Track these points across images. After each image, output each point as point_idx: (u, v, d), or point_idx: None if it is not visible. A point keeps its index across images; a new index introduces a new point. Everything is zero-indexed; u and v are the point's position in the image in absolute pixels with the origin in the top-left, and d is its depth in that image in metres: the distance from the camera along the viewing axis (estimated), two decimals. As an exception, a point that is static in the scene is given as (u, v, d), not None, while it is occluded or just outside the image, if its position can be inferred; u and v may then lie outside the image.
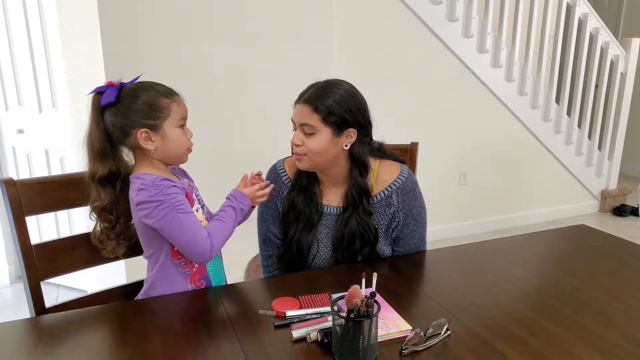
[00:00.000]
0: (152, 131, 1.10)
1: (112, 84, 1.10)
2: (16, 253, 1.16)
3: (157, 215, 1.07)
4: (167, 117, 1.11)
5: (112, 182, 1.14)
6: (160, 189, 1.07)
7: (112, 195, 1.14)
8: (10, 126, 2.50)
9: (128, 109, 1.09)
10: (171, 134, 1.12)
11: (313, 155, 1.23)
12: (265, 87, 2.48)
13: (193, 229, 1.09)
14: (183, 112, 1.14)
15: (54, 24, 2.22)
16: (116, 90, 1.09)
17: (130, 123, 1.09)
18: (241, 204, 1.19)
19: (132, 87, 1.11)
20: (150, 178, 1.09)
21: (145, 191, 1.07)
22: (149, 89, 1.11)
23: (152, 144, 1.11)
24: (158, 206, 1.07)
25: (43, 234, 2.56)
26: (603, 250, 1.43)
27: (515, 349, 0.92)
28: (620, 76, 3.77)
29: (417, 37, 2.99)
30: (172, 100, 1.12)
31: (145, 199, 1.07)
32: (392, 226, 1.33)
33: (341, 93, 1.22)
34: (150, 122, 1.09)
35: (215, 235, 1.12)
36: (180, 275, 1.17)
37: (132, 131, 1.09)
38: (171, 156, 1.15)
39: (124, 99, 1.09)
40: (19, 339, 1.00)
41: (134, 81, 1.14)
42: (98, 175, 1.12)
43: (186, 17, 2.25)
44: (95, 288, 1.34)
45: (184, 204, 1.09)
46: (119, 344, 0.96)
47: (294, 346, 0.93)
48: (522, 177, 3.61)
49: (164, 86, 1.14)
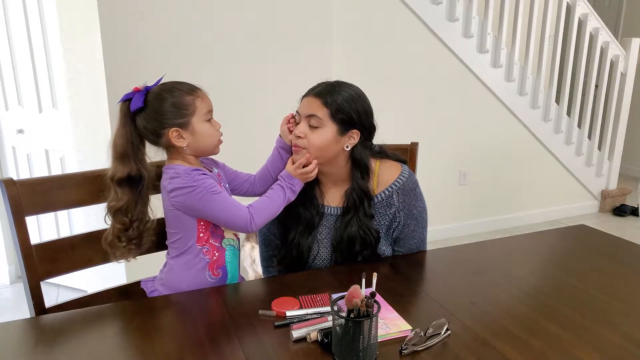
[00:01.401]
0: (182, 129, 1.15)
1: (137, 89, 1.15)
2: (16, 253, 1.16)
3: (192, 199, 1.14)
4: (193, 113, 1.16)
5: (129, 185, 1.17)
6: (192, 176, 1.14)
7: (129, 197, 1.17)
8: (10, 126, 2.51)
9: (156, 112, 1.14)
10: (200, 128, 1.17)
11: (313, 149, 1.22)
12: (265, 87, 2.48)
13: (228, 205, 1.17)
14: (208, 106, 1.19)
15: (54, 24, 2.22)
16: (143, 95, 1.14)
17: (161, 124, 1.14)
18: (289, 184, 1.23)
19: (156, 91, 1.15)
20: (182, 168, 1.16)
21: (178, 179, 1.14)
22: (173, 90, 1.16)
23: (184, 140, 1.16)
24: (192, 191, 1.13)
25: (43, 234, 2.56)
26: (603, 250, 1.43)
27: (515, 349, 0.92)
28: (620, 76, 3.77)
29: (417, 37, 2.99)
30: (196, 96, 1.17)
31: (178, 186, 1.14)
32: (393, 226, 1.33)
33: (351, 93, 1.23)
34: (179, 121, 1.15)
35: (257, 207, 1.19)
36: (200, 262, 1.21)
37: (164, 132, 1.15)
38: (203, 149, 1.21)
39: (151, 103, 1.14)
40: (19, 339, 1.00)
41: (157, 83, 1.18)
42: (117, 176, 1.15)
43: (186, 17, 2.25)
44: (95, 288, 1.34)
45: (215, 186, 1.16)
46: (119, 344, 0.96)
47: (294, 346, 0.93)
48: (522, 177, 3.61)
49: (186, 84, 1.18)
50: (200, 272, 1.21)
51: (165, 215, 1.22)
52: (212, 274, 1.22)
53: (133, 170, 1.16)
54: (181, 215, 1.17)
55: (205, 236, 1.20)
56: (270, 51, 2.47)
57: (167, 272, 1.24)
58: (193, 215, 1.17)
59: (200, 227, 1.19)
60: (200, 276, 1.21)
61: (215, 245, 1.22)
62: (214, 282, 1.22)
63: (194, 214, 1.17)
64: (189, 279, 1.20)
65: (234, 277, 1.27)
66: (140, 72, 2.17)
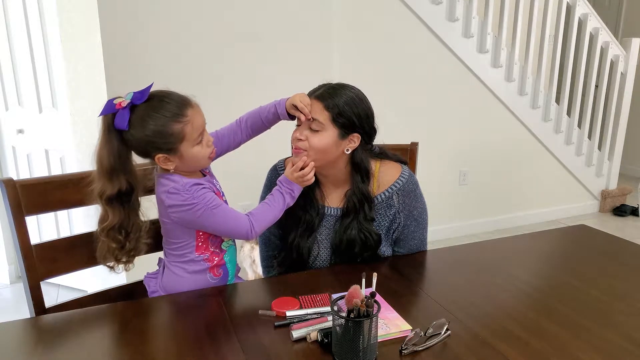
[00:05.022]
0: (169, 154, 1.09)
1: (120, 106, 1.04)
2: (16, 253, 1.16)
3: (192, 216, 1.11)
4: (182, 140, 1.08)
5: (120, 201, 1.11)
6: (191, 192, 1.10)
7: (121, 213, 1.11)
8: (10, 126, 2.50)
9: (141, 138, 1.06)
10: (188, 153, 1.10)
11: (314, 152, 1.22)
12: (265, 87, 2.48)
13: (228, 217, 1.15)
14: (199, 127, 1.10)
15: (54, 24, 2.22)
16: (127, 114, 1.04)
17: (146, 152, 1.10)
18: (288, 189, 1.22)
19: (141, 115, 1.05)
20: (180, 182, 1.11)
21: (177, 195, 1.10)
22: (158, 115, 1.05)
23: (171, 163, 1.11)
24: (191, 209, 1.10)
25: (43, 234, 2.56)
26: (603, 250, 1.43)
27: (515, 349, 0.92)
28: (620, 76, 3.77)
29: (417, 37, 2.99)
30: (184, 123, 1.07)
31: (178, 203, 1.11)
32: (393, 227, 1.33)
33: (352, 97, 1.23)
34: (165, 148, 1.08)
35: (257, 215, 1.17)
36: (201, 268, 1.20)
37: (151, 154, 1.10)
38: (192, 167, 1.16)
39: (135, 127, 1.05)
40: (19, 339, 1.00)
41: (144, 94, 1.06)
42: (106, 194, 1.08)
43: (186, 17, 2.25)
44: (95, 288, 1.34)
45: (215, 200, 1.13)
46: (119, 344, 0.96)
47: (294, 346, 0.93)
48: (522, 177, 3.61)
49: (174, 105, 1.07)
50: (201, 276, 1.21)
51: (161, 223, 1.20)
52: (213, 275, 1.22)
53: (123, 186, 1.09)
54: (180, 227, 1.16)
55: (205, 245, 1.20)
56: (270, 51, 2.46)
57: (167, 275, 1.23)
58: (193, 228, 1.16)
59: (199, 238, 1.18)
60: (202, 279, 1.21)
61: (214, 251, 1.21)
62: (216, 282, 1.23)
63: (194, 227, 1.16)
64: (191, 282, 1.20)
65: (234, 273, 1.28)
66: (140, 72, 2.17)
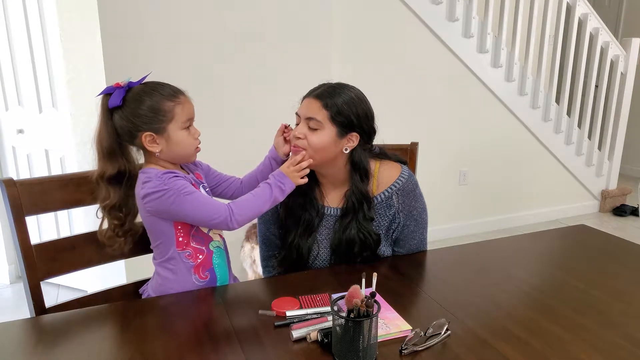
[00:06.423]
0: (156, 134, 1.11)
1: (119, 85, 1.11)
2: (16, 253, 1.16)
3: (164, 203, 1.10)
4: (171, 119, 1.11)
5: (120, 181, 1.16)
6: (162, 179, 1.10)
7: (121, 193, 1.16)
8: (10, 126, 2.51)
9: (133, 113, 1.10)
10: (176, 136, 1.13)
11: (312, 150, 1.22)
12: (266, 87, 2.48)
13: (203, 204, 1.12)
14: (189, 114, 1.15)
15: (54, 24, 2.22)
16: (123, 93, 1.10)
17: (135, 127, 1.10)
18: (279, 182, 1.18)
19: (137, 91, 1.11)
20: (154, 171, 1.12)
21: (149, 183, 1.11)
22: (154, 92, 1.11)
23: (157, 146, 1.12)
24: (162, 195, 1.10)
25: (43, 234, 2.56)
26: (603, 250, 1.43)
27: (515, 349, 0.92)
28: (620, 76, 3.77)
29: (417, 37, 2.99)
30: (176, 103, 1.12)
31: (149, 191, 1.10)
32: (393, 227, 1.33)
33: (352, 96, 1.23)
34: (154, 126, 1.11)
35: (239, 203, 1.14)
36: (184, 266, 1.19)
37: (138, 134, 1.11)
38: (177, 157, 1.17)
39: (129, 103, 1.10)
40: (19, 339, 1.00)
41: (141, 81, 1.14)
42: (107, 174, 1.13)
43: (186, 17, 2.25)
44: (95, 288, 1.34)
45: (187, 187, 1.11)
46: (119, 344, 0.96)
47: (294, 346, 0.93)
48: (522, 177, 3.61)
49: (169, 88, 1.14)
50: (185, 276, 1.19)
51: (143, 221, 1.19)
52: (198, 277, 1.20)
53: (122, 166, 1.14)
54: (157, 221, 1.15)
55: (185, 240, 1.18)
56: (270, 51, 2.46)
57: (154, 279, 1.23)
58: (169, 219, 1.14)
59: (178, 232, 1.16)
60: (187, 280, 1.19)
61: (199, 248, 1.19)
62: (202, 285, 1.20)
63: (170, 218, 1.14)
64: (176, 283, 1.18)
65: (224, 279, 1.25)
66: (140, 72, 2.16)
